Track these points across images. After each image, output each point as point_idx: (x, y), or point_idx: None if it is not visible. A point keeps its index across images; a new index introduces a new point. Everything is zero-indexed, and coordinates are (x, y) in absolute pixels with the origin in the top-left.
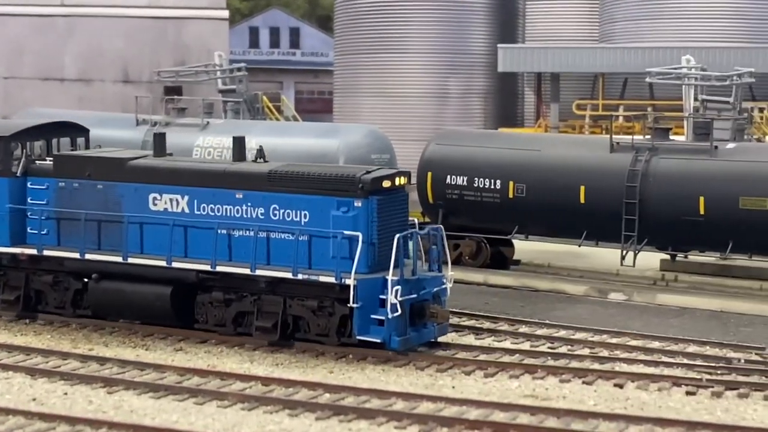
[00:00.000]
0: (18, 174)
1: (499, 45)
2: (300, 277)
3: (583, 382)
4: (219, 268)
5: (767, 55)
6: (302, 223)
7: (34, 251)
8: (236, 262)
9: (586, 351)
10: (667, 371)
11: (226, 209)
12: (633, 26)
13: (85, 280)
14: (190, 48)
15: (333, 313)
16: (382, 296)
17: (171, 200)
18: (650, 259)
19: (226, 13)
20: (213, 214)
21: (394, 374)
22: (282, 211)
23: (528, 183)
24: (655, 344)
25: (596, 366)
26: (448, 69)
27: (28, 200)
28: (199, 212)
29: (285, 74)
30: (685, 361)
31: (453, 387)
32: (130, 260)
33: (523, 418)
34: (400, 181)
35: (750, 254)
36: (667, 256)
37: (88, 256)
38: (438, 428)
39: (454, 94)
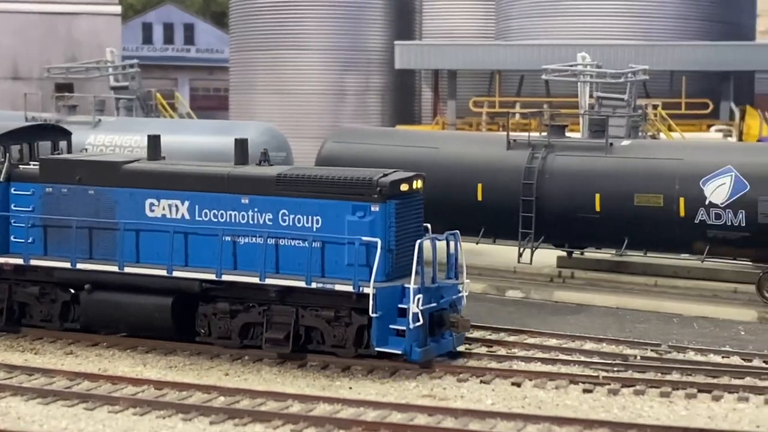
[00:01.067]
0: (1, 179)
1: (396, 42)
2: (314, 285)
3: (481, 381)
4: (225, 277)
5: (661, 53)
6: (314, 229)
7: (20, 261)
8: (242, 270)
9: (483, 349)
10: (564, 369)
11: (230, 215)
12: (529, 24)
13: (72, 291)
14: (82, 44)
15: (350, 324)
16: (400, 305)
17: (170, 206)
18: (547, 257)
19: (118, 9)
20: (216, 220)
21: (291, 376)
22: (292, 216)
23: (425, 180)
24: (552, 342)
25: (494, 365)
26: (345, 66)
27: (12, 207)
28: (200, 218)
29: (179, 71)
30: (582, 358)
31: (350, 388)
32: (127, 269)
33: (421, 419)
34: (416, 184)
35: (645, 251)
36: (564, 253)
37: (80, 266)
38: (335, 430)
39: (351, 91)
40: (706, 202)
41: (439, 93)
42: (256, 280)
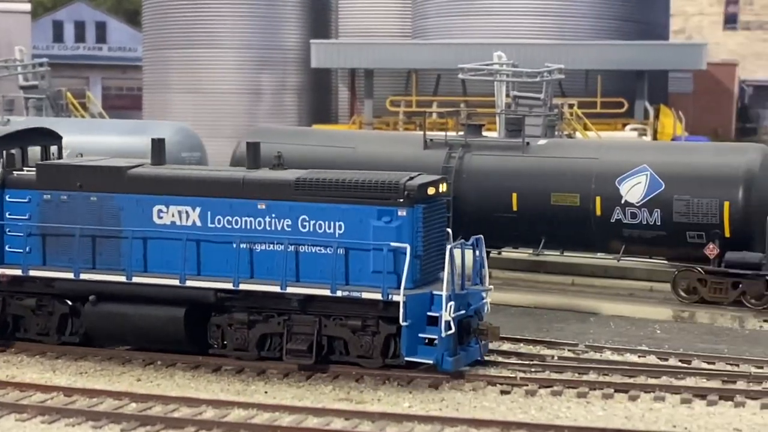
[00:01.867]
0: None
1: (311, 41)
2: (339, 294)
3: (398, 384)
4: (243, 286)
5: (576, 52)
6: (336, 235)
7: (17, 272)
8: (259, 279)
9: None
10: (482, 370)
11: (245, 221)
12: (445, 22)
13: (69, 302)
14: None
15: (377, 333)
16: (430, 313)
17: (179, 212)
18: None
19: (28, 6)
20: (230, 226)
21: (205, 380)
22: (312, 222)
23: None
24: None
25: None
26: (260, 65)
27: (6, 215)
28: (212, 225)
29: (91, 70)
30: (500, 359)
31: (266, 392)
32: (135, 279)
33: (337, 423)
34: (442, 187)
35: (562, 250)
36: None
37: (84, 276)
38: None
39: (267, 90)
40: (622, 201)
41: (356, 92)
42: (276, 288)
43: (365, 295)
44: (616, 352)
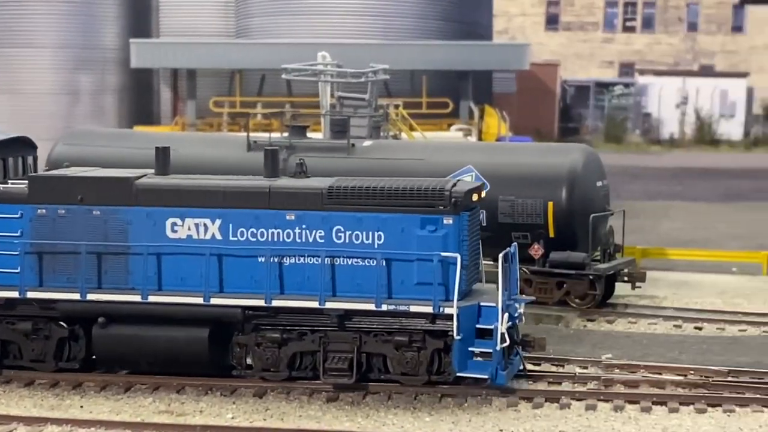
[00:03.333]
0: None
1: (131, 40)
2: (385, 308)
3: (221, 395)
4: (276, 303)
5: (401, 52)
6: (375, 246)
7: (13, 293)
8: (290, 294)
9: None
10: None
11: (272, 233)
12: (269, 22)
13: (64, 325)
14: None
15: (422, 348)
16: (479, 325)
17: (197, 225)
18: None
19: None
20: (254, 239)
21: (17, 396)
22: (348, 233)
23: None
24: None
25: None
26: (78, 64)
27: None
28: (235, 238)
29: None
30: None
31: (81, 407)
32: (152, 298)
33: None
34: (482, 194)
35: None
36: None
37: (91, 297)
38: None
39: (85, 90)
40: None
41: (179, 93)
42: (314, 304)
43: (414, 309)
44: None
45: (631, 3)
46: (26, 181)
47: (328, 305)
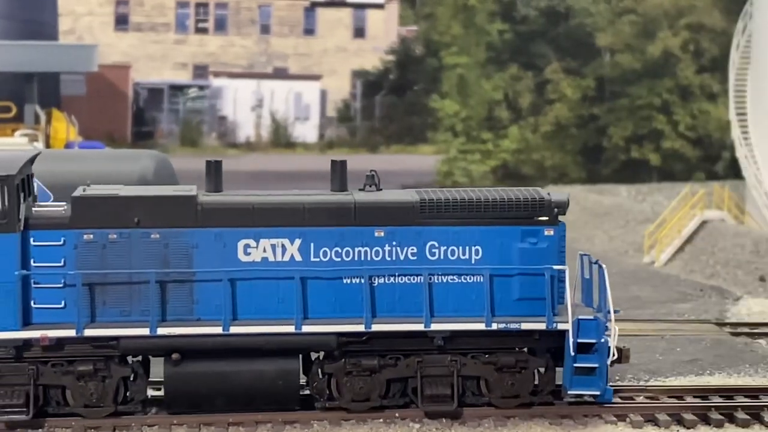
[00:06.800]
0: (16, 228)
1: None
2: (495, 327)
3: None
4: (376, 327)
5: None
6: (473, 261)
7: (68, 332)
8: (383, 317)
9: None
10: None
11: (359, 252)
12: None
13: (127, 363)
14: None
15: (525, 368)
16: (581, 340)
17: (273, 246)
18: None
19: None
20: (339, 259)
21: None
22: (443, 248)
23: None
24: None
25: None
26: None
27: (32, 263)
28: (316, 259)
29: None
30: None
31: None
32: (234, 329)
33: None
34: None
35: None
36: None
37: (162, 331)
38: None
39: None
40: None
41: None
42: (417, 326)
43: (524, 326)
44: None
45: (203, 4)
46: (61, 203)
47: (434, 326)
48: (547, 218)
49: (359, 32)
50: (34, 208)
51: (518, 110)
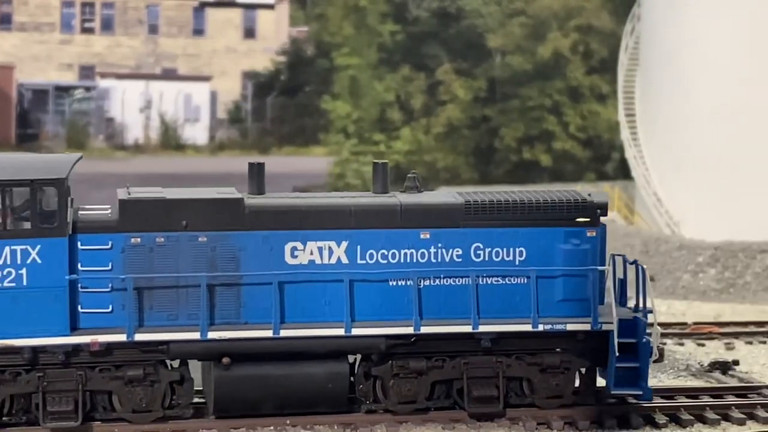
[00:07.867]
0: (65, 232)
1: None
2: (541, 328)
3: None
4: (425, 329)
5: None
6: (517, 263)
7: (119, 337)
8: (430, 319)
9: None
10: None
11: (405, 254)
12: None
13: (175, 367)
14: None
15: (568, 369)
16: (622, 339)
17: (320, 249)
18: None
19: None
20: (384, 261)
21: None
22: (488, 250)
23: None
24: None
25: None
26: None
27: (79, 267)
28: (362, 261)
29: None
30: None
31: None
32: (284, 333)
33: None
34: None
35: None
36: None
37: (213, 335)
38: None
39: None
40: None
41: None
42: (466, 328)
43: (570, 327)
44: None
45: (89, 3)
46: (106, 206)
47: (482, 328)
48: (588, 219)
49: (249, 33)
50: (80, 212)
51: (410, 111)
